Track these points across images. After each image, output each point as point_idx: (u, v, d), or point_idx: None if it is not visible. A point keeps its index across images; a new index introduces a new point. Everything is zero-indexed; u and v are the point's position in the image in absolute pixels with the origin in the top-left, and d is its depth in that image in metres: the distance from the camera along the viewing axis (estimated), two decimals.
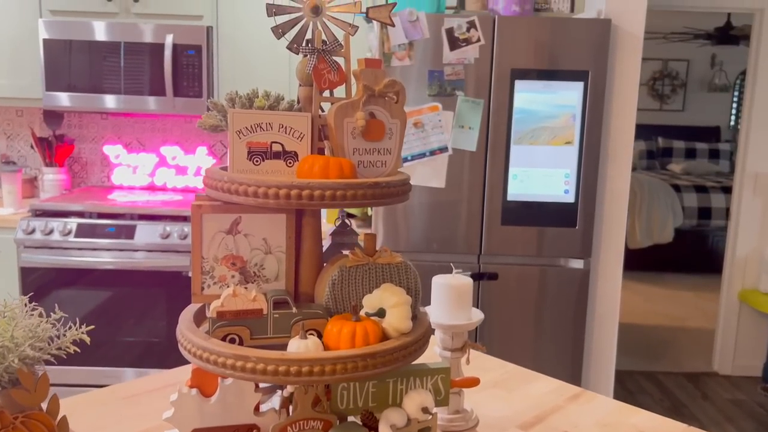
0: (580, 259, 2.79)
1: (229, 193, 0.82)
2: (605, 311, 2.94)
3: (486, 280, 2.79)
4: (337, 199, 0.80)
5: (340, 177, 0.83)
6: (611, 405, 1.29)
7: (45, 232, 2.94)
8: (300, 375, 0.78)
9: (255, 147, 0.86)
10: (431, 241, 2.74)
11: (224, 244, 0.89)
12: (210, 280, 0.90)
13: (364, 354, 0.81)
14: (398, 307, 0.87)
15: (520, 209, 2.76)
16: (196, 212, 0.87)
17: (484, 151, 2.70)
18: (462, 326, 1.16)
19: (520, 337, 2.81)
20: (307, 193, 0.79)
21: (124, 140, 3.54)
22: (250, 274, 0.91)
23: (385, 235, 2.71)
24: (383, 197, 0.83)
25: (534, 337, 2.82)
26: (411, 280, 0.94)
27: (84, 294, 3.01)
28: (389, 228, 2.72)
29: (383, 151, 0.91)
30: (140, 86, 3.12)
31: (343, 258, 0.92)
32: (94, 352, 3.08)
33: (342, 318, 0.87)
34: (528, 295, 2.81)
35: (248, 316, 0.85)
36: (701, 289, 5.73)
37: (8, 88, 3.18)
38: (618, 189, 2.87)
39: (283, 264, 0.92)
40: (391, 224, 2.72)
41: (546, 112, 2.73)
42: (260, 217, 0.90)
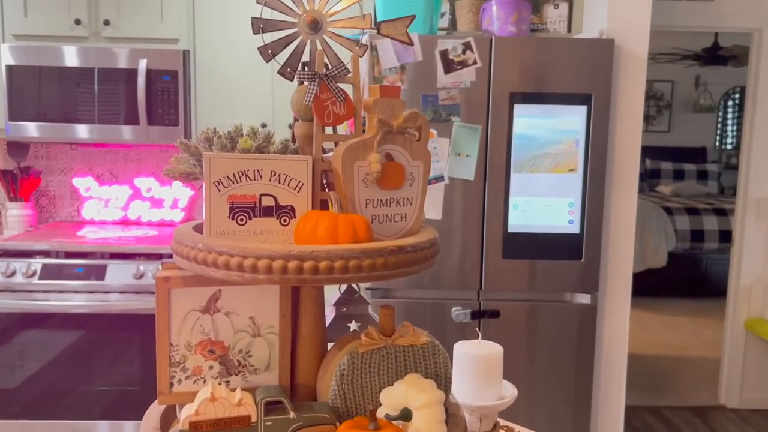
0: (587, 294, 2.61)
1: (204, 265, 0.61)
2: (613, 347, 2.76)
3: (487, 317, 2.59)
4: (351, 271, 0.60)
5: (353, 240, 0.63)
6: None
7: (6, 274, 2.69)
8: None
9: (239, 202, 0.65)
10: (427, 277, 2.53)
11: (199, 327, 0.69)
12: (181, 373, 0.69)
13: None
14: (429, 408, 0.66)
15: (521, 241, 2.57)
16: (163, 287, 0.67)
17: (482, 179, 2.52)
18: (492, 407, 0.96)
19: (526, 378, 2.61)
20: (310, 265, 0.59)
21: (95, 172, 3.31)
22: (234, 363, 0.70)
23: None
24: (408, 265, 0.63)
25: (540, 377, 2.62)
26: (440, 365, 0.74)
27: (51, 338, 2.76)
28: None
29: (403, 202, 0.71)
30: (114, 115, 2.91)
31: (354, 340, 0.71)
32: (62, 402, 2.82)
33: (356, 426, 0.66)
34: (532, 332, 2.61)
35: (232, 426, 0.64)
36: (698, 315, 5.59)
37: None
38: (624, 218, 2.70)
39: (275, 349, 0.71)
40: None
41: (547, 138, 2.56)
42: (246, 290, 0.69)
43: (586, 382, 2.66)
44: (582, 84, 2.51)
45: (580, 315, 2.62)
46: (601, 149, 2.53)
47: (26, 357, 2.74)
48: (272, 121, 2.85)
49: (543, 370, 2.61)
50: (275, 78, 2.89)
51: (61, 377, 2.75)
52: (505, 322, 2.60)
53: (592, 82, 2.51)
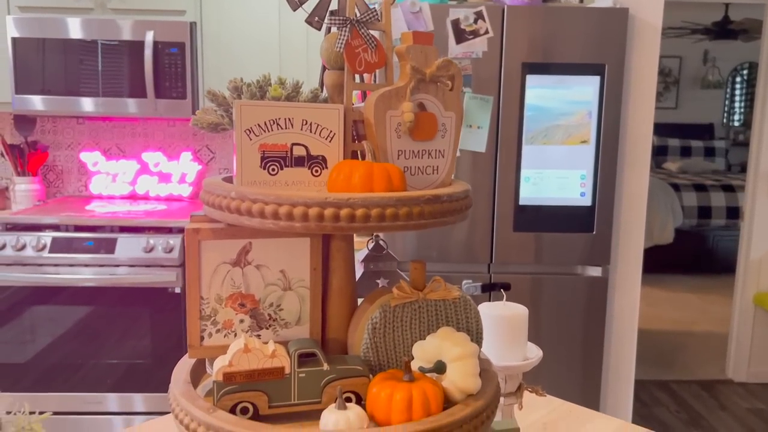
0: (598, 267, 2.60)
1: (238, 214, 0.60)
2: (624, 320, 2.76)
3: (498, 290, 2.59)
4: (387, 219, 0.58)
5: (388, 190, 0.62)
6: None
7: (17, 248, 2.69)
8: None
9: (270, 151, 0.64)
10: (437, 250, 2.53)
11: (230, 280, 0.68)
12: (212, 327, 0.68)
13: (426, 430, 0.59)
14: (463, 360, 0.65)
15: (533, 214, 2.56)
16: (193, 239, 0.66)
17: (493, 152, 2.50)
18: (517, 367, 0.95)
19: None
20: (346, 212, 0.57)
21: (102, 146, 3.29)
22: (264, 317, 0.69)
23: (395, 243, 2.50)
24: (443, 215, 0.62)
25: (550, 350, 2.61)
26: (472, 320, 0.73)
27: (62, 312, 2.76)
28: (390, 236, 2.51)
29: (435, 154, 0.70)
30: (119, 88, 2.88)
31: (385, 294, 0.70)
32: (72, 377, 2.83)
33: (390, 377, 0.65)
34: (542, 305, 2.61)
35: (266, 377, 0.64)
36: (704, 291, 5.58)
37: None
38: (637, 190, 2.68)
39: (306, 303, 0.70)
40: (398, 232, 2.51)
41: (560, 109, 2.53)
42: (276, 242, 0.68)
43: (596, 356, 2.66)
44: (595, 54, 2.48)
45: (590, 288, 2.61)
46: (614, 120, 2.51)
47: (37, 331, 2.75)
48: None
49: (553, 343, 2.61)
50: (283, 50, 2.87)
51: (71, 351, 2.76)
52: (516, 294, 2.59)
53: (606, 53, 2.48)
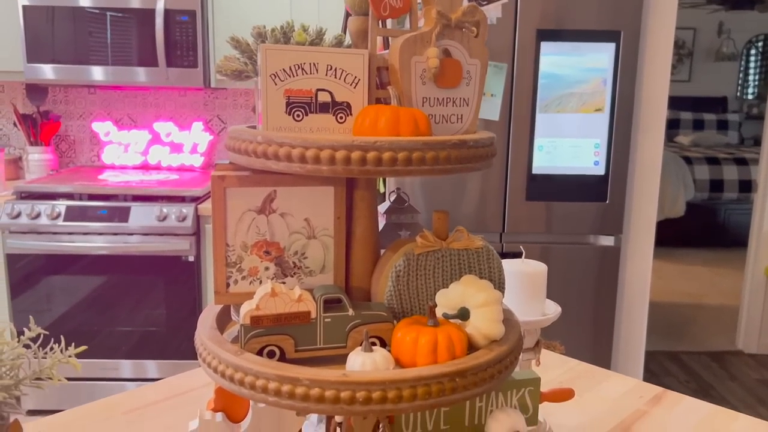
0: (610, 236, 2.60)
1: (265, 158, 0.60)
2: (636, 290, 2.76)
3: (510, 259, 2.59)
4: (414, 163, 0.58)
5: (414, 134, 0.62)
6: (703, 409, 1.09)
7: (31, 216, 2.71)
8: (369, 403, 0.58)
9: (296, 96, 0.64)
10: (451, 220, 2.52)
11: (255, 227, 0.68)
12: (237, 273, 0.69)
13: (452, 372, 0.60)
14: (487, 306, 0.66)
15: (546, 183, 2.55)
16: (218, 186, 0.66)
17: (507, 120, 2.49)
18: (536, 322, 0.96)
19: None
20: (373, 156, 0.58)
21: (114, 116, 3.30)
22: (289, 265, 0.70)
23: None
24: (469, 161, 0.62)
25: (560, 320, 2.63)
26: (494, 269, 0.73)
27: (76, 281, 2.79)
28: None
29: (459, 102, 0.69)
30: (129, 56, 2.87)
31: (409, 243, 0.70)
32: (88, 343, 2.87)
33: (414, 322, 0.66)
34: (554, 274, 2.59)
35: (292, 321, 0.64)
36: (715, 265, 5.57)
37: None
38: (650, 159, 2.66)
39: (330, 251, 0.71)
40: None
41: (574, 77, 2.50)
42: (300, 191, 0.68)
43: (608, 326, 2.67)
44: (611, 21, 2.45)
45: (602, 257, 2.61)
46: (629, 88, 2.48)
47: (53, 300, 2.79)
48: None
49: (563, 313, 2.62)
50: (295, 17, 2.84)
51: (86, 319, 2.79)
52: None
53: (621, 19, 2.45)
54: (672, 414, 1.07)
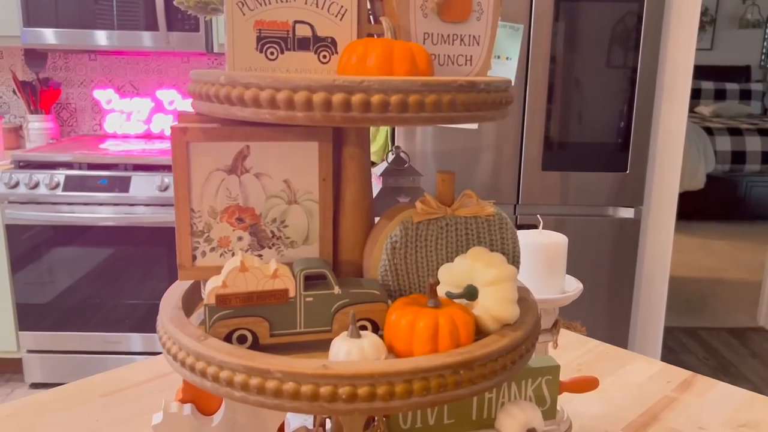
0: (630, 208, 2.47)
1: (229, 103, 0.49)
2: (656, 264, 2.64)
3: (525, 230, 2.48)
4: (410, 109, 0.47)
5: (411, 74, 0.50)
6: (737, 395, 0.99)
7: (30, 186, 2.63)
8: (354, 400, 0.48)
9: (268, 30, 0.53)
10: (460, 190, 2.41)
11: (225, 190, 0.58)
12: (205, 244, 0.59)
13: (455, 363, 0.50)
14: (499, 284, 0.55)
15: (562, 152, 2.43)
16: (180, 140, 0.55)
17: (522, 85, 2.35)
18: (554, 300, 0.85)
19: None
20: (360, 98, 0.46)
21: (115, 83, 3.20)
22: (266, 234, 0.60)
23: None
24: (480, 107, 0.51)
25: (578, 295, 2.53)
26: (508, 240, 0.63)
27: (78, 253, 2.72)
28: None
29: (468, 40, 0.58)
30: (133, 20, 2.76)
31: (407, 209, 0.60)
32: (93, 316, 2.82)
33: (412, 303, 0.55)
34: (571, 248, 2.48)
35: (266, 301, 0.54)
36: (736, 239, 5.41)
37: None
38: (674, 127, 2.52)
39: (315, 219, 0.60)
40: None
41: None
42: (278, 146, 0.57)
43: (626, 300, 2.57)
44: None
45: (622, 230, 2.49)
46: (653, 51, 2.33)
47: (56, 272, 2.72)
48: None
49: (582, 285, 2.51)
50: None
51: (91, 291, 2.73)
52: None
53: None
54: (704, 401, 0.96)
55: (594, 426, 0.90)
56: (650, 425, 0.90)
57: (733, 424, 0.90)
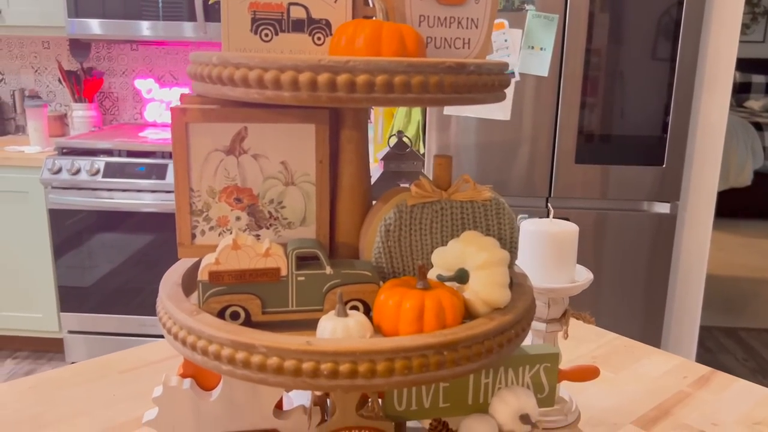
0: (666, 203, 2.41)
1: (221, 83, 0.50)
2: (692, 262, 2.57)
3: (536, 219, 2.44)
4: (396, 90, 0.48)
5: (400, 55, 0.51)
6: (758, 393, 0.96)
7: (72, 172, 2.72)
8: (336, 377, 0.48)
9: (263, 11, 0.54)
10: (494, 183, 2.39)
11: (223, 170, 0.59)
12: (204, 223, 0.60)
13: (438, 344, 0.50)
14: (489, 268, 0.55)
15: (597, 144, 2.38)
16: (179, 120, 0.57)
17: (557, 76, 2.31)
18: (563, 290, 0.84)
19: (593, 291, 2.47)
20: (345, 79, 0.47)
21: (155, 73, 3.27)
22: (264, 215, 0.61)
23: None
24: (470, 90, 0.51)
25: (609, 291, 2.48)
26: (505, 225, 0.62)
27: (118, 238, 2.81)
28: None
29: (466, 23, 0.58)
30: (180, 11, 2.82)
31: (402, 192, 0.60)
32: (132, 300, 2.90)
33: (402, 284, 0.56)
34: (604, 243, 2.45)
35: (258, 279, 0.55)
36: None
37: (30, 15, 2.92)
38: (715, 120, 2.44)
39: (312, 201, 0.61)
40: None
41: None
42: (276, 128, 0.58)
43: (660, 298, 2.51)
44: None
45: (657, 225, 2.43)
46: (693, 41, 2.27)
47: (97, 256, 2.81)
48: None
49: (614, 282, 2.47)
50: None
51: (129, 276, 2.81)
52: None
53: None
54: (721, 398, 0.94)
55: (603, 418, 0.88)
56: (661, 420, 0.88)
57: (748, 422, 0.88)
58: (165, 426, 0.62)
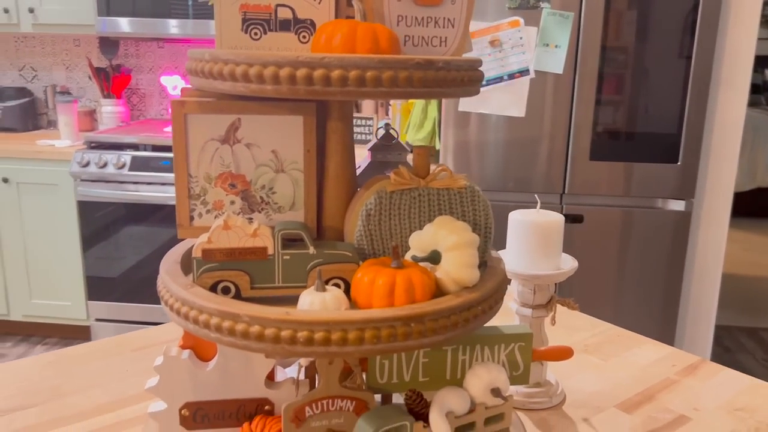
0: (681, 200, 2.42)
1: (212, 78, 0.56)
2: (707, 260, 2.57)
3: (569, 222, 2.47)
4: (368, 84, 0.52)
5: (373, 52, 0.55)
6: (743, 382, 0.99)
7: (99, 165, 2.82)
8: (312, 344, 0.53)
9: (253, 12, 0.59)
10: (507, 179, 2.42)
11: (219, 158, 0.64)
12: (201, 206, 0.66)
13: (406, 316, 0.55)
14: (459, 249, 0.60)
15: (612, 141, 2.40)
16: (178, 111, 0.62)
17: (572, 73, 2.34)
18: (548, 276, 0.88)
19: (606, 289, 2.49)
20: (321, 74, 0.52)
21: (181, 70, 3.36)
22: (256, 200, 0.66)
23: (458, 171, 2.42)
24: (439, 84, 0.55)
25: (622, 289, 2.49)
26: (479, 212, 0.67)
27: (144, 230, 2.90)
28: (460, 162, 2.42)
29: (443, 22, 0.62)
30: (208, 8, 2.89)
31: (383, 180, 0.65)
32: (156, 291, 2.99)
33: (378, 264, 0.61)
34: (617, 240, 2.47)
35: (247, 257, 0.61)
36: None
37: (61, 14, 3.03)
38: (731, 119, 2.44)
39: (300, 187, 0.66)
40: (463, 159, 2.42)
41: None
42: (267, 119, 0.64)
43: (674, 294, 2.51)
44: None
45: (672, 223, 2.44)
46: (710, 38, 2.27)
47: (123, 248, 2.90)
48: None
49: (627, 280, 2.48)
50: None
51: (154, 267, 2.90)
52: (590, 228, 2.47)
53: None
54: (705, 385, 0.97)
55: (587, 401, 0.92)
56: (643, 404, 0.91)
57: (729, 408, 0.91)
58: (165, 392, 0.68)
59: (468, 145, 2.41)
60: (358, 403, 0.67)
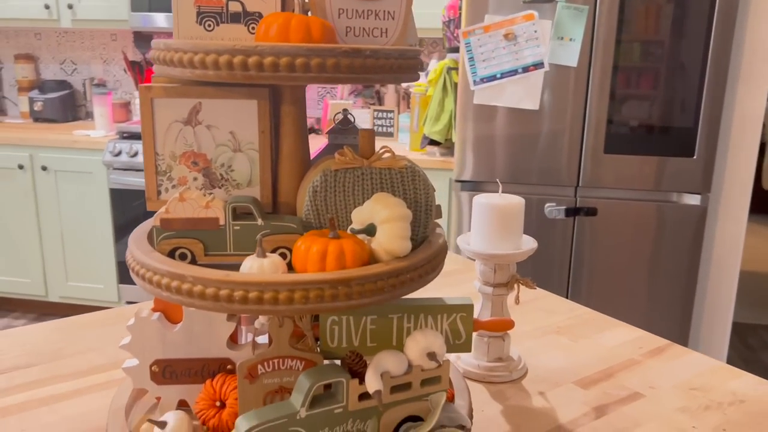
0: (697, 195, 2.40)
1: (167, 65, 0.63)
2: (725, 256, 2.55)
3: (583, 215, 2.48)
4: (297, 70, 0.58)
5: (305, 42, 0.61)
6: (705, 364, 1.01)
7: (130, 154, 2.95)
8: (246, 302, 0.60)
9: (206, 6, 0.66)
10: (522, 172, 2.45)
11: (182, 138, 0.71)
12: (168, 182, 0.73)
13: (334, 280, 0.61)
14: (391, 222, 0.65)
15: (626, 135, 2.40)
16: (146, 96, 0.69)
17: (587, 67, 2.35)
18: (507, 256, 0.93)
19: (620, 283, 2.50)
20: (254, 61, 0.58)
21: None
22: (216, 177, 0.73)
23: (474, 163, 2.46)
24: (366, 71, 0.61)
25: (636, 284, 2.49)
26: (419, 190, 0.72)
27: None
28: (478, 155, 2.46)
29: (383, 15, 0.68)
30: None
31: (330, 160, 0.71)
32: None
33: (317, 234, 0.67)
34: (632, 234, 2.47)
35: (201, 226, 0.67)
36: None
37: (98, 10, 3.17)
38: (751, 112, 2.41)
39: (256, 166, 0.73)
40: (478, 151, 2.46)
41: None
42: (225, 103, 0.70)
43: (690, 290, 2.50)
44: None
45: (688, 217, 2.43)
46: (728, 28, 2.25)
47: None
48: None
49: (641, 274, 2.48)
50: None
51: None
52: (603, 221, 2.47)
53: None
54: (666, 366, 1.00)
55: (548, 377, 0.96)
56: (601, 381, 0.95)
57: (684, 387, 0.94)
58: (136, 350, 0.76)
59: (483, 137, 2.44)
60: (307, 363, 0.73)
